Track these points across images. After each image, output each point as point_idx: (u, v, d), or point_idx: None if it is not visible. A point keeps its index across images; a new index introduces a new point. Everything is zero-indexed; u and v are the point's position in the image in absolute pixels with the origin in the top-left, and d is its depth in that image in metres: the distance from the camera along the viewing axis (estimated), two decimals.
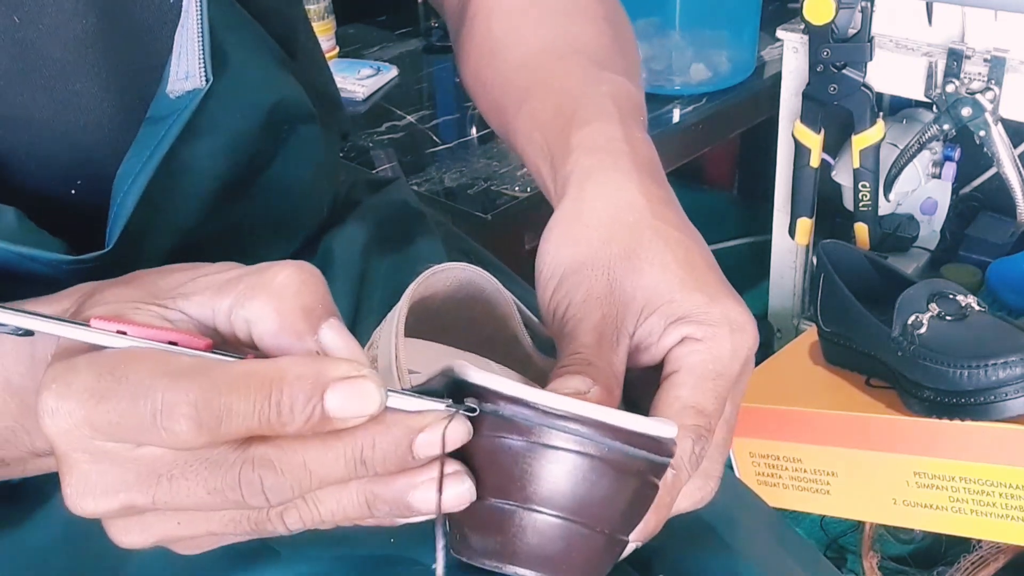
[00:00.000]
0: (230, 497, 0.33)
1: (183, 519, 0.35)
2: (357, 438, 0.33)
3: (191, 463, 0.33)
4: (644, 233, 0.45)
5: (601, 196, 0.46)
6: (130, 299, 0.36)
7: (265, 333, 0.35)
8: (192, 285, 0.36)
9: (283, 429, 0.32)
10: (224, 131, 0.52)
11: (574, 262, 0.45)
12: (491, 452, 0.36)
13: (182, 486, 0.33)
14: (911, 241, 1.53)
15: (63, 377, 0.33)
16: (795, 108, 1.41)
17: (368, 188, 0.72)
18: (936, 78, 1.31)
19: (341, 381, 0.32)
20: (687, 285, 0.44)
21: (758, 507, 0.63)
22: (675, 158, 1.48)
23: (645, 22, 1.50)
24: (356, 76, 1.55)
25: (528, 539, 0.37)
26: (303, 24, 0.65)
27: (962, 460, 0.99)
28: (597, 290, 0.44)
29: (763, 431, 1.12)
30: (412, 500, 0.35)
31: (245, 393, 0.32)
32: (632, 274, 0.44)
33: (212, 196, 0.53)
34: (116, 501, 0.34)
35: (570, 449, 0.36)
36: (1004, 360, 0.95)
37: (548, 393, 0.36)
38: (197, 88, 0.48)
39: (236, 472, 0.33)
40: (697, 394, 0.42)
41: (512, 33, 0.60)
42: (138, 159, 0.48)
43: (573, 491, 0.36)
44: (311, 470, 0.33)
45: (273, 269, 0.35)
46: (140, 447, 0.33)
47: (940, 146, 1.47)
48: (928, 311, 1.02)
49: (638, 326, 0.44)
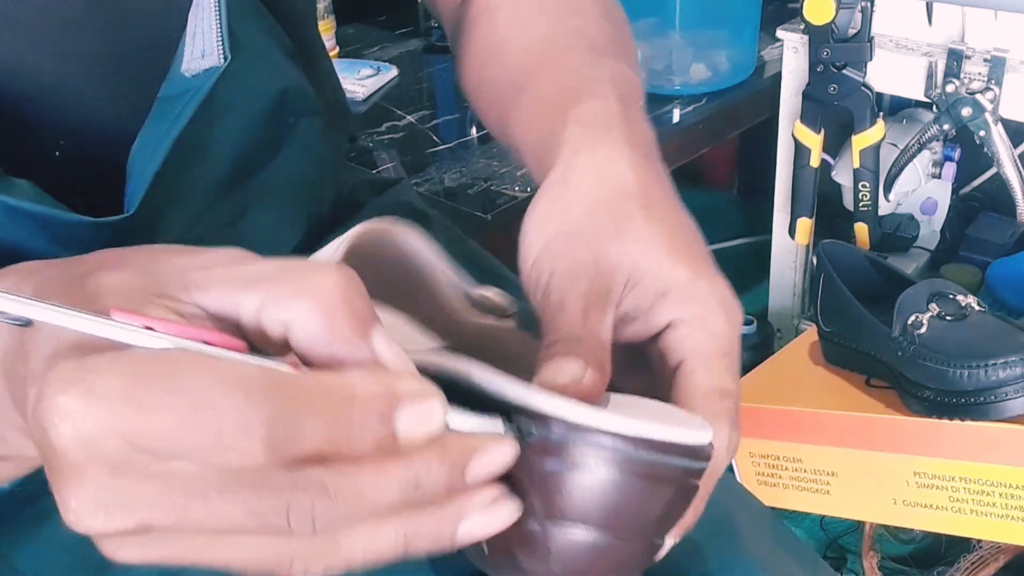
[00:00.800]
0: (273, 522, 0.29)
1: (187, 546, 0.31)
2: (414, 462, 0.31)
3: (231, 483, 0.29)
4: (631, 206, 0.44)
5: (591, 168, 0.46)
6: (135, 289, 0.32)
7: (311, 339, 0.32)
8: (206, 276, 0.33)
9: (351, 451, 0.30)
10: (235, 114, 0.52)
11: (559, 231, 0.44)
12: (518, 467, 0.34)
13: (218, 507, 0.29)
14: (911, 241, 1.53)
15: (84, 379, 0.29)
16: (795, 108, 1.41)
17: (371, 189, 0.72)
18: (936, 78, 1.31)
19: (411, 400, 0.31)
20: (674, 258, 0.43)
21: (756, 508, 0.63)
22: (675, 158, 1.47)
23: (645, 22, 1.50)
24: (356, 76, 1.55)
25: (561, 555, 0.35)
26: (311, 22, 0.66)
27: (962, 460, 0.99)
28: (583, 259, 0.43)
29: (763, 431, 1.12)
30: (461, 530, 0.32)
31: (318, 410, 0.29)
32: (617, 244, 0.43)
33: (221, 180, 0.53)
34: (132, 520, 0.29)
35: (603, 465, 0.34)
36: (1004, 360, 0.95)
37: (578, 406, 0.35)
38: (215, 66, 0.48)
39: (286, 496, 0.29)
40: (713, 377, 0.41)
41: (514, 30, 0.60)
42: (155, 134, 0.48)
43: (607, 506, 0.35)
44: (365, 494, 0.30)
45: (316, 272, 0.32)
46: (174, 460, 0.29)
47: (940, 146, 1.47)
48: (928, 311, 1.02)
49: (624, 297, 0.43)
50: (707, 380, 0.41)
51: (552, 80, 0.53)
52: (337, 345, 0.32)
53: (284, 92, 0.55)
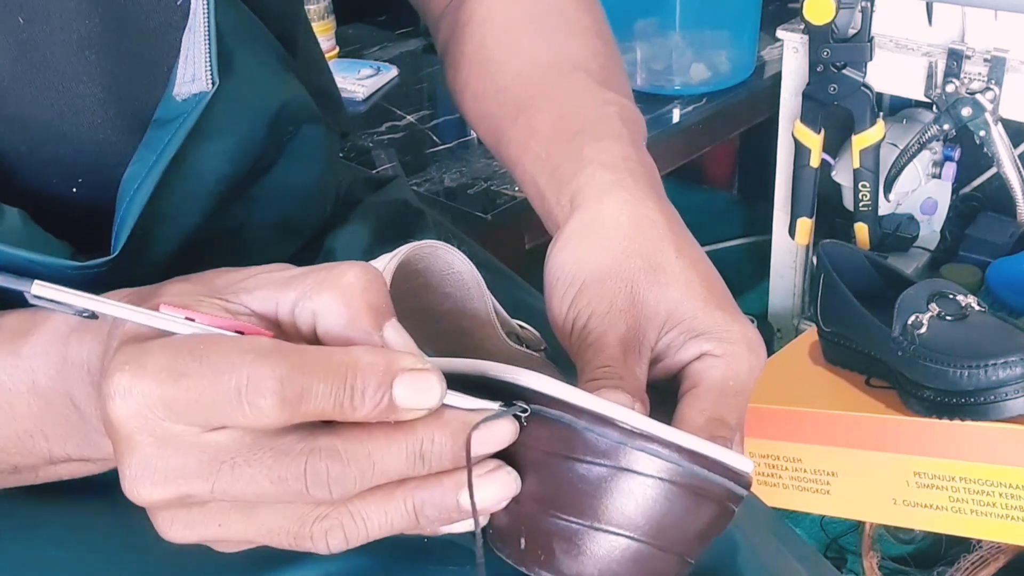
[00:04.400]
0: (293, 487, 0.33)
1: (226, 521, 0.35)
2: (418, 432, 0.35)
3: (256, 451, 0.33)
4: (667, 249, 0.46)
5: (623, 210, 0.47)
6: (191, 293, 0.37)
7: (333, 326, 0.36)
8: (252, 281, 0.37)
9: (353, 414, 0.33)
10: (230, 134, 0.52)
11: (596, 272, 0.45)
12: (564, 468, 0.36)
13: (245, 474, 0.33)
14: (911, 241, 1.53)
15: (137, 359, 0.33)
16: (795, 108, 1.41)
17: (367, 187, 0.72)
18: (936, 78, 1.31)
19: (408, 372, 0.34)
20: (710, 303, 0.44)
21: (758, 507, 0.63)
22: (675, 158, 1.48)
23: (645, 22, 1.50)
24: (356, 76, 1.55)
25: (599, 559, 0.36)
26: (303, 23, 0.65)
27: (962, 460, 0.99)
28: (620, 302, 0.44)
29: (763, 431, 1.13)
30: (462, 499, 0.35)
31: (324, 374, 0.33)
32: (656, 288, 0.44)
33: (216, 198, 0.53)
34: (174, 489, 0.34)
35: (656, 473, 0.36)
36: (1004, 360, 0.95)
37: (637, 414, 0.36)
38: (203, 91, 0.48)
39: (303, 461, 0.33)
40: (720, 408, 0.42)
41: (507, 46, 0.60)
42: (144, 163, 0.48)
43: (652, 514, 0.36)
44: (374, 462, 0.34)
45: (341, 267, 0.36)
46: (207, 432, 0.34)
47: (940, 146, 1.47)
48: (928, 311, 1.02)
49: (659, 339, 0.44)
50: (712, 409, 0.42)
51: (553, 108, 0.54)
52: (352, 331, 0.35)
53: (282, 107, 0.55)
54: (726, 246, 1.92)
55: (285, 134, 0.57)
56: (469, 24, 0.62)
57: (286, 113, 0.55)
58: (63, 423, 0.40)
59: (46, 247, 0.46)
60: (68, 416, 0.40)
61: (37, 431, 0.41)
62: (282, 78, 0.56)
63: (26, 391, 0.40)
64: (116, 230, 0.48)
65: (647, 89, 1.49)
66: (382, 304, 0.36)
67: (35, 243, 0.46)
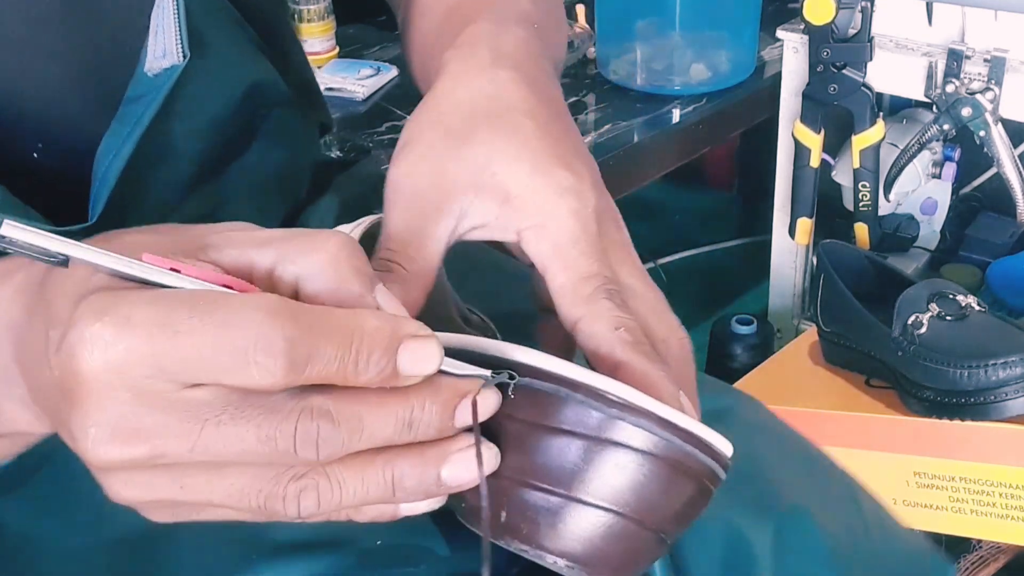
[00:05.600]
0: (280, 446, 0.32)
1: (189, 483, 0.33)
2: (410, 398, 0.34)
3: (243, 408, 0.32)
4: (476, 115, 0.44)
5: (444, 84, 0.46)
6: (160, 245, 0.35)
7: (321, 290, 0.35)
8: (221, 238, 0.36)
9: (356, 379, 0.33)
10: (201, 112, 0.53)
11: (403, 144, 0.44)
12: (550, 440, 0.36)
13: (230, 432, 0.32)
14: (911, 241, 1.53)
15: (117, 309, 0.31)
16: (795, 108, 1.41)
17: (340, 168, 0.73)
18: (936, 78, 1.31)
19: (413, 339, 0.33)
20: (508, 156, 0.42)
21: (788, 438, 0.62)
22: (675, 158, 1.47)
23: (645, 22, 1.50)
24: (356, 76, 1.55)
25: (577, 531, 0.36)
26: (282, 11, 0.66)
27: (962, 460, 1.00)
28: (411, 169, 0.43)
29: None
30: (444, 473, 0.35)
31: (331, 337, 0.32)
32: (456, 151, 0.43)
33: (190, 177, 0.53)
34: (147, 449, 0.32)
35: (638, 444, 0.35)
36: (1004, 360, 0.95)
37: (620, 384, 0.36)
38: (175, 65, 0.48)
39: (294, 419, 0.32)
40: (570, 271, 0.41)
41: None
42: (119, 135, 0.48)
43: (632, 487, 0.36)
44: (364, 425, 0.33)
45: (324, 234, 0.36)
46: (189, 389, 0.32)
47: (940, 146, 1.47)
48: (928, 311, 1.02)
49: (468, 206, 0.43)
50: (565, 276, 0.41)
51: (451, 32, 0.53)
52: (343, 295, 0.35)
53: (254, 86, 0.55)
54: (726, 246, 1.92)
55: (258, 116, 0.57)
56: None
57: (257, 93, 0.56)
58: None
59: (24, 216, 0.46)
60: None
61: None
62: (253, 59, 0.57)
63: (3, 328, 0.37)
64: (92, 199, 0.48)
65: (647, 89, 1.49)
66: (368, 269, 0.36)
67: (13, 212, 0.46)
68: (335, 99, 1.49)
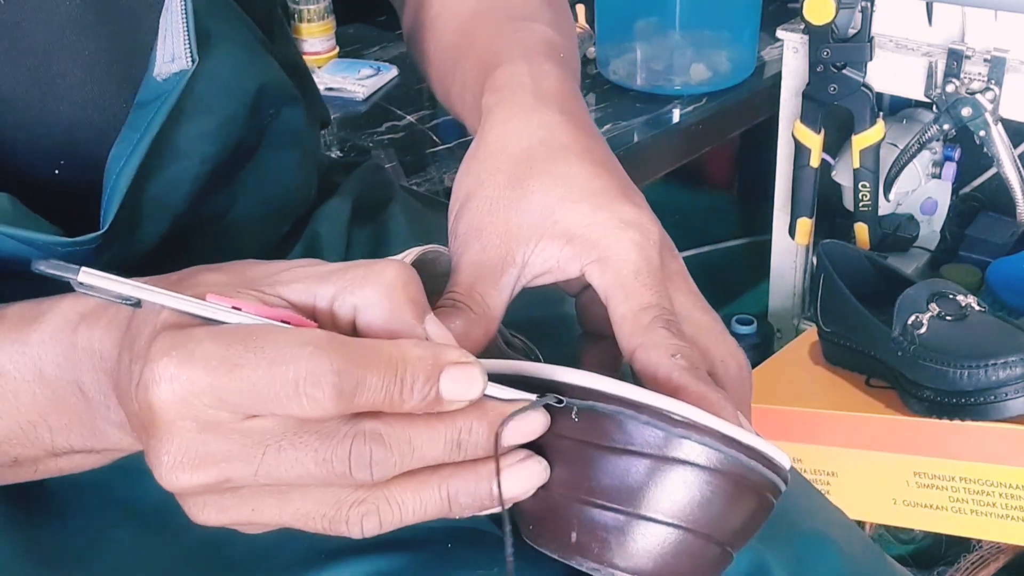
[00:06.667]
0: (337, 469, 0.34)
1: (259, 505, 0.36)
2: (457, 421, 0.36)
3: (301, 435, 0.34)
4: (533, 162, 0.45)
5: (495, 130, 0.47)
6: (226, 284, 0.38)
7: (376, 320, 0.37)
8: (287, 274, 0.38)
9: (401, 406, 0.35)
10: (211, 114, 0.53)
11: (465, 196, 0.46)
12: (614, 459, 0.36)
13: (290, 456, 0.34)
14: (911, 241, 1.53)
15: (183, 345, 0.34)
16: (795, 108, 1.41)
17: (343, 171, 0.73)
18: (936, 78, 1.31)
19: (455, 365, 0.35)
20: (569, 199, 0.44)
21: None
22: (675, 158, 1.47)
23: (645, 22, 1.50)
24: (356, 76, 1.55)
25: (647, 548, 0.37)
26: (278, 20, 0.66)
27: (962, 460, 1.00)
28: (477, 222, 0.45)
29: (763, 431, 1.12)
30: (496, 487, 0.36)
31: (378, 368, 0.34)
32: (517, 203, 0.44)
33: (202, 180, 0.53)
34: (214, 473, 0.34)
35: (700, 461, 0.36)
36: (1004, 360, 0.95)
37: (680, 402, 0.36)
38: (183, 69, 0.48)
39: (348, 443, 0.34)
40: (631, 301, 0.42)
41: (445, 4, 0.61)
42: (129, 142, 0.48)
43: (694, 502, 0.36)
44: (415, 447, 0.35)
45: (381, 264, 0.38)
46: (250, 419, 0.34)
47: (940, 146, 1.47)
48: (928, 311, 1.02)
49: (530, 256, 0.44)
50: (626, 306, 0.42)
51: (475, 55, 0.55)
52: (396, 324, 0.37)
53: (262, 87, 0.55)
54: (726, 246, 1.92)
55: (266, 115, 0.57)
56: None
57: (266, 93, 0.56)
58: (68, 412, 0.41)
59: (36, 229, 0.46)
60: (74, 404, 0.40)
61: (41, 421, 0.40)
62: (261, 59, 0.57)
63: (32, 379, 0.40)
64: (104, 208, 0.48)
65: (647, 89, 1.49)
66: (421, 299, 0.38)
67: (27, 225, 0.46)
68: (335, 99, 1.49)
